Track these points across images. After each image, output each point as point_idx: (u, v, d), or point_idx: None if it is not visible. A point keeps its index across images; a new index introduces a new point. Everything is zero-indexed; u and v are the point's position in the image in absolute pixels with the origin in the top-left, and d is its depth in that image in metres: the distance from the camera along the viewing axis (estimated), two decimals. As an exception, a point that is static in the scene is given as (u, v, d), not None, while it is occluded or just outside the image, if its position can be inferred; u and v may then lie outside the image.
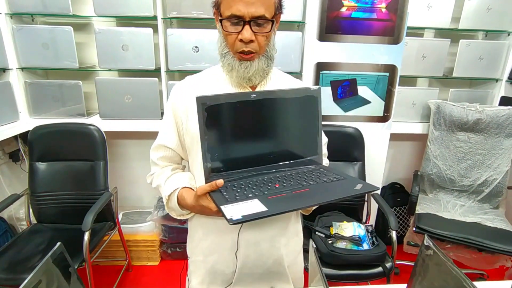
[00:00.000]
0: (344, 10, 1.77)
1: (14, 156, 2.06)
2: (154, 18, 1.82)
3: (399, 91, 2.00)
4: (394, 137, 2.10)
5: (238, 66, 0.84)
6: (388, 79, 1.91)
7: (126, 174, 2.28)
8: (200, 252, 1.00)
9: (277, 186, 0.80)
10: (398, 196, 2.38)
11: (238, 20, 0.79)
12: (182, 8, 1.79)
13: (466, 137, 2.05)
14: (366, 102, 1.95)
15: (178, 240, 2.15)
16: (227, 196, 0.75)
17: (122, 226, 2.02)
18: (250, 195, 0.75)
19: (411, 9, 1.80)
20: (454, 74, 2.07)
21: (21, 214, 2.00)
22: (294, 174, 0.87)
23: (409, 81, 2.18)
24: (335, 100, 1.93)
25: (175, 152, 0.96)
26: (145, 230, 2.14)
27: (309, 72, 1.88)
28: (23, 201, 1.82)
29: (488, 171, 2.02)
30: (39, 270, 0.58)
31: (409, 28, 1.84)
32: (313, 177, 0.85)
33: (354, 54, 1.85)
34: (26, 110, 1.93)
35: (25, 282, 0.54)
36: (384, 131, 2.01)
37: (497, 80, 2.13)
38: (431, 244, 0.68)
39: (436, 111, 2.05)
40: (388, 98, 1.95)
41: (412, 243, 2.02)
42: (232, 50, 0.84)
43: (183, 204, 0.89)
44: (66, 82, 1.89)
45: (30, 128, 1.82)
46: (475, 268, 1.94)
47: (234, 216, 0.67)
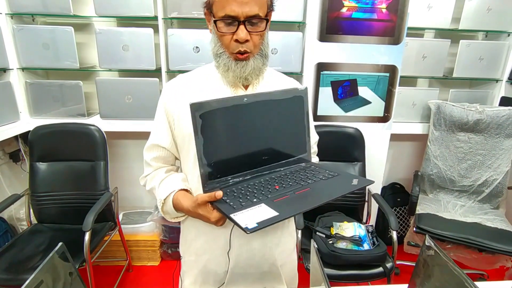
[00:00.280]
0: (344, 10, 1.78)
1: (15, 156, 2.06)
2: (155, 18, 1.82)
3: (400, 92, 2.00)
4: (395, 137, 2.11)
5: (235, 66, 0.84)
6: (388, 80, 1.91)
7: (126, 174, 2.28)
8: (192, 252, 1.00)
9: (277, 188, 0.80)
10: (399, 196, 2.38)
11: (232, 20, 0.79)
12: (182, 8, 1.79)
13: (466, 137, 2.05)
14: (366, 102, 1.95)
15: (178, 240, 2.13)
16: (232, 203, 0.74)
17: (122, 226, 2.02)
18: (255, 200, 0.74)
19: (412, 9, 1.80)
20: (454, 75, 2.08)
21: (21, 214, 2.00)
22: (288, 174, 0.88)
23: (409, 81, 2.18)
24: (336, 100, 1.94)
25: (169, 151, 0.95)
26: (145, 230, 2.14)
27: (309, 72, 1.88)
28: (24, 201, 1.81)
29: (488, 172, 2.02)
30: (42, 270, 0.58)
31: (409, 28, 1.85)
32: (308, 175, 0.87)
33: (355, 54, 1.85)
34: (26, 110, 1.93)
35: (27, 281, 0.54)
36: (384, 131, 2.01)
37: (497, 80, 2.13)
38: (433, 244, 0.68)
39: (436, 112, 2.05)
40: (388, 98, 1.95)
41: (412, 243, 2.02)
42: (227, 50, 0.84)
43: (179, 207, 0.88)
44: (66, 82, 1.89)
45: (31, 128, 1.82)
46: (476, 268, 1.94)
47: (249, 224, 0.66)
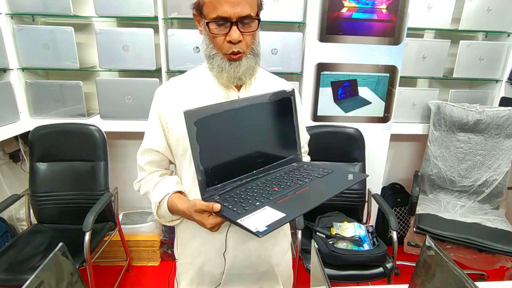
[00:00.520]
0: (344, 11, 1.78)
1: (15, 156, 2.06)
2: (155, 18, 1.82)
3: (400, 92, 2.00)
4: (395, 137, 2.11)
5: (228, 67, 0.84)
6: (388, 80, 1.91)
7: (126, 174, 2.28)
8: (188, 254, 0.99)
9: (276, 190, 0.80)
10: (399, 196, 2.38)
11: (225, 21, 0.78)
12: (182, 8, 1.79)
13: (466, 137, 2.05)
14: (366, 102, 1.95)
15: (178, 240, 2.15)
16: (235, 209, 0.73)
17: (122, 226, 2.02)
18: (258, 204, 0.74)
19: (412, 10, 1.81)
20: (454, 75, 2.08)
21: (21, 215, 2.00)
22: (283, 175, 0.88)
23: (409, 81, 2.18)
24: (336, 100, 1.94)
25: (163, 155, 0.94)
26: (145, 231, 2.14)
27: (309, 72, 1.88)
28: (24, 201, 1.81)
29: (488, 172, 2.02)
30: (42, 270, 0.58)
31: (409, 29, 1.85)
32: (303, 174, 0.88)
33: (355, 54, 1.85)
34: (26, 111, 1.93)
35: (28, 282, 0.54)
36: (384, 132, 2.01)
37: (497, 80, 2.13)
38: (433, 244, 0.68)
39: (436, 112, 2.05)
40: (388, 98, 1.95)
41: (412, 244, 2.02)
42: (220, 51, 0.84)
43: (174, 209, 0.88)
44: (66, 83, 1.89)
45: (31, 128, 1.82)
46: (476, 268, 1.94)
47: (259, 228, 0.66)
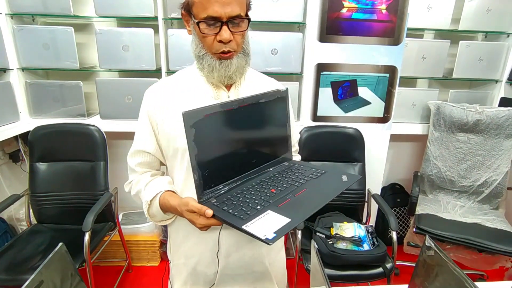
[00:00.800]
0: (344, 11, 1.78)
1: (15, 156, 2.06)
2: (155, 18, 1.82)
3: (399, 92, 2.00)
4: (394, 138, 2.11)
5: (219, 66, 0.84)
6: (388, 80, 1.91)
7: (126, 174, 2.27)
8: (181, 255, 0.99)
9: (273, 191, 0.80)
10: (398, 196, 2.38)
11: (215, 21, 0.78)
12: (182, 8, 1.79)
13: (466, 138, 2.05)
14: (366, 103, 1.95)
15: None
16: (237, 213, 0.72)
17: (122, 226, 2.02)
18: (259, 208, 0.74)
19: (411, 10, 1.81)
20: (454, 75, 2.08)
21: (21, 215, 1.99)
22: (276, 175, 0.89)
23: (409, 82, 2.19)
24: (336, 101, 1.94)
25: (154, 157, 0.94)
26: (145, 231, 2.14)
27: (309, 73, 1.88)
28: (23, 201, 1.81)
29: (488, 172, 2.03)
30: (42, 270, 0.58)
31: (409, 29, 1.85)
32: (297, 175, 0.88)
33: (355, 55, 1.85)
34: (26, 111, 1.93)
35: (28, 281, 0.54)
36: (384, 132, 2.02)
37: (496, 81, 2.14)
38: (433, 244, 0.68)
39: (436, 112, 2.05)
40: (388, 99, 1.95)
41: (412, 244, 2.02)
42: (210, 51, 0.84)
43: (166, 206, 0.87)
44: (66, 83, 1.89)
45: (31, 128, 1.82)
46: (475, 268, 1.94)
47: (267, 234, 0.65)
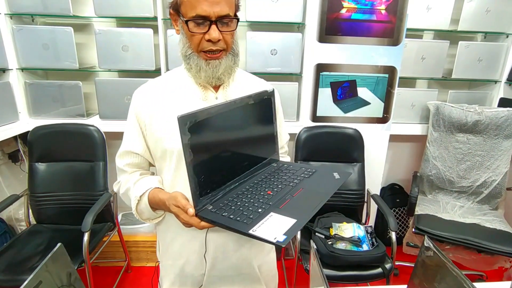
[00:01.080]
0: (344, 11, 1.78)
1: (14, 156, 2.06)
2: (154, 19, 1.82)
3: (399, 93, 2.00)
4: (394, 138, 2.11)
5: (206, 66, 0.84)
6: (387, 81, 1.91)
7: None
8: (169, 256, 0.99)
9: (270, 193, 0.80)
10: (398, 197, 2.38)
11: (204, 20, 0.78)
12: (182, 9, 1.79)
13: (465, 138, 2.05)
14: (365, 103, 1.95)
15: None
16: (239, 218, 0.72)
17: (121, 227, 2.01)
18: (261, 211, 0.73)
19: (411, 10, 1.81)
20: (453, 76, 2.08)
21: (20, 215, 1.99)
22: (268, 176, 0.89)
23: (408, 82, 2.19)
24: (335, 101, 1.94)
25: (143, 157, 0.93)
26: (144, 231, 2.14)
27: (309, 73, 1.88)
28: (23, 201, 1.81)
29: (487, 173, 2.03)
30: (40, 270, 0.57)
31: (408, 29, 1.85)
32: (289, 175, 0.89)
33: (354, 55, 1.85)
34: (26, 111, 1.92)
35: (25, 282, 0.54)
36: (383, 132, 2.02)
37: (496, 81, 2.14)
38: (431, 245, 0.68)
39: (435, 113, 2.05)
40: (387, 99, 1.95)
41: (411, 244, 2.02)
42: (196, 50, 0.83)
43: (156, 201, 0.86)
44: (66, 83, 1.89)
45: (30, 128, 1.82)
46: (474, 269, 1.94)
47: (277, 237, 0.65)
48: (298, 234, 1.59)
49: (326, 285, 0.62)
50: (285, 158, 1.08)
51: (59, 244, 0.65)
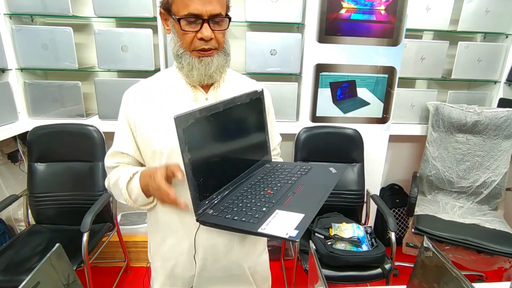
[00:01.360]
0: (343, 12, 1.78)
1: (13, 156, 2.06)
2: (154, 19, 1.82)
3: (398, 93, 2.00)
4: (393, 138, 2.11)
5: (199, 64, 0.83)
6: (387, 81, 1.91)
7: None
8: (159, 258, 0.99)
9: (270, 193, 0.80)
10: (397, 197, 2.38)
11: (196, 18, 0.78)
12: (181, 9, 1.79)
13: (465, 138, 2.05)
14: (365, 103, 1.95)
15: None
16: (244, 219, 0.71)
17: (121, 227, 2.01)
18: (265, 209, 0.73)
19: (410, 11, 1.81)
20: (453, 76, 2.08)
21: (19, 215, 1.99)
22: (264, 177, 0.89)
23: (408, 82, 2.19)
24: (335, 101, 1.94)
25: (133, 158, 0.93)
26: (144, 232, 2.14)
27: (308, 73, 1.88)
28: (22, 202, 1.81)
29: (486, 173, 2.03)
30: (38, 271, 0.57)
31: (408, 30, 1.85)
32: (285, 174, 0.89)
33: (353, 55, 1.85)
34: (25, 111, 1.92)
35: (24, 283, 0.54)
36: (383, 133, 2.02)
37: (495, 82, 2.14)
38: (431, 245, 0.68)
39: (434, 113, 2.05)
40: (387, 99, 1.95)
41: (411, 245, 2.02)
42: (188, 49, 0.83)
43: (146, 173, 0.83)
44: (65, 83, 1.89)
45: (29, 128, 1.81)
46: (474, 269, 1.94)
47: (289, 232, 0.64)
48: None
49: (325, 285, 0.62)
50: (277, 160, 1.07)
51: (58, 244, 0.64)
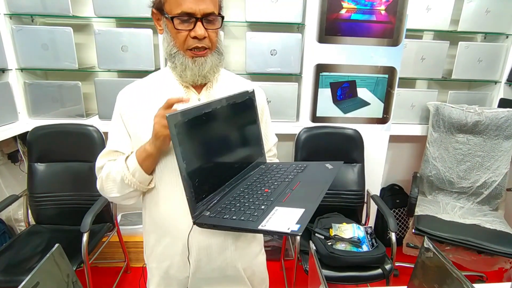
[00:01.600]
0: (343, 12, 1.78)
1: (13, 157, 2.06)
2: (154, 19, 1.82)
3: (398, 93, 2.00)
4: (393, 138, 2.11)
5: (192, 65, 0.83)
6: (387, 81, 1.91)
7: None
8: (154, 259, 0.99)
9: (268, 191, 0.79)
10: (397, 198, 2.38)
11: (189, 17, 0.78)
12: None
13: (465, 139, 2.05)
14: (365, 103, 1.95)
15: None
16: (242, 217, 0.71)
17: (121, 227, 2.01)
18: (264, 207, 0.73)
19: (410, 11, 1.81)
20: (453, 76, 2.08)
21: (19, 215, 1.99)
22: (260, 177, 0.89)
23: (408, 83, 2.18)
24: (335, 101, 1.94)
25: None
26: (144, 232, 2.14)
27: (308, 73, 1.88)
28: (22, 202, 1.81)
29: (487, 173, 2.02)
30: (37, 271, 0.57)
31: (408, 30, 1.85)
32: (281, 172, 0.89)
33: (354, 56, 1.85)
34: (25, 111, 1.92)
35: (23, 283, 0.54)
36: (383, 133, 2.01)
37: (496, 82, 2.14)
38: (431, 246, 0.68)
39: (435, 113, 2.05)
40: (387, 100, 1.95)
41: (411, 245, 2.02)
42: (182, 48, 0.83)
43: (143, 148, 0.82)
44: (65, 83, 1.89)
45: (29, 128, 1.81)
46: (474, 270, 1.94)
47: (291, 227, 0.64)
48: (298, 234, 1.59)
49: (325, 286, 0.62)
50: (273, 161, 1.06)
51: (57, 244, 0.64)
